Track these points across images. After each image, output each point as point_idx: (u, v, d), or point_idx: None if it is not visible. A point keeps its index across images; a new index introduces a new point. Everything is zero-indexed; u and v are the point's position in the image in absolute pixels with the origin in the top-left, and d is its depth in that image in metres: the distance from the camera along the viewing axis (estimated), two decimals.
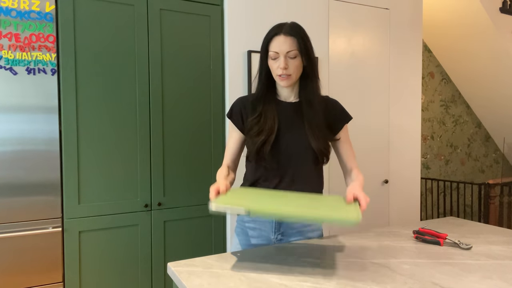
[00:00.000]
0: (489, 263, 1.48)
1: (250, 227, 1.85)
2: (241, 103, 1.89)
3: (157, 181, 2.63)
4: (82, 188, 2.45)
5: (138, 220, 2.59)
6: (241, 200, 1.46)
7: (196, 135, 2.75)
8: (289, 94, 1.84)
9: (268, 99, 1.83)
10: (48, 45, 2.33)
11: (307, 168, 1.80)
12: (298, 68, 1.75)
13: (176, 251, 2.72)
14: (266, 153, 1.75)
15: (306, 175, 1.80)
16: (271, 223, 1.80)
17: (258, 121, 1.79)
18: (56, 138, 2.37)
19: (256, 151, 1.77)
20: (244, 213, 1.34)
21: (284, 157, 1.78)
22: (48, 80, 2.34)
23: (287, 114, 1.82)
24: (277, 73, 1.73)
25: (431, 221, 2.16)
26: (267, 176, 1.81)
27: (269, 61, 1.76)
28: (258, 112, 1.81)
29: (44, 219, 2.35)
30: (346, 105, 1.97)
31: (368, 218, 3.37)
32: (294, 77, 1.75)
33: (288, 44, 1.70)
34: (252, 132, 1.80)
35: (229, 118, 1.91)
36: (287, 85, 1.76)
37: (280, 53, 1.71)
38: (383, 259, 1.53)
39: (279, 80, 1.75)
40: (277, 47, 1.71)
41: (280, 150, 1.77)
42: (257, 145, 1.76)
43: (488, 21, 4.92)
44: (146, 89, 2.59)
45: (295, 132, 1.79)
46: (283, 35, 1.71)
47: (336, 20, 3.19)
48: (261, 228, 1.82)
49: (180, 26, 2.69)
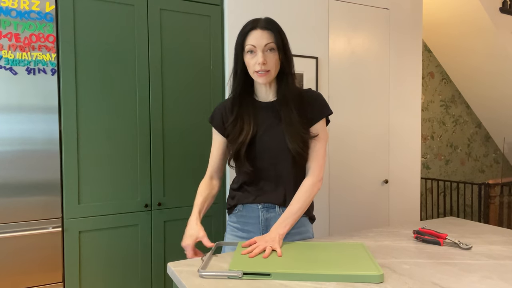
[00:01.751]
0: (489, 263, 1.48)
1: (238, 227, 1.85)
2: (222, 107, 1.87)
3: (157, 181, 2.63)
4: (82, 188, 2.45)
5: (138, 220, 2.59)
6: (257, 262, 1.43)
7: (196, 135, 2.75)
8: (267, 93, 1.80)
9: (245, 100, 1.79)
10: (48, 45, 2.33)
11: (289, 170, 1.76)
12: (277, 63, 1.70)
13: (176, 251, 2.72)
14: (243, 157, 1.73)
15: (290, 177, 1.77)
16: (258, 224, 1.80)
17: (235, 125, 1.77)
18: (56, 138, 2.37)
19: (234, 156, 1.77)
20: (270, 278, 1.33)
21: (263, 160, 1.76)
22: (48, 80, 2.34)
23: (264, 115, 1.78)
24: (255, 69, 1.68)
25: (431, 221, 2.16)
26: (251, 180, 1.80)
27: (245, 58, 1.71)
28: (234, 115, 1.78)
29: (44, 219, 2.35)
30: (346, 105, 1.96)
31: (368, 218, 3.37)
32: (273, 73, 1.71)
33: (265, 37, 1.66)
34: (231, 136, 1.78)
35: (210, 123, 1.89)
36: (265, 81, 1.71)
37: (258, 47, 1.66)
38: (383, 259, 1.52)
39: (257, 77, 1.70)
40: (254, 40, 1.67)
41: (258, 153, 1.75)
42: (235, 149, 1.75)
43: (488, 21, 4.93)
44: (146, 89, 2.59)
45: (273, 133, 1.75)
46: (260, 29, 1.67)
47: (336, 20, 3.19)
48: (249, 229, 1.82)
49: (180, 26, 2.69)
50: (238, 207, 1.84)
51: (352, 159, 3.25)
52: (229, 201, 1.89)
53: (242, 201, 1.82)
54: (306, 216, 1.83)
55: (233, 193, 1.88)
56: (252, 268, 1.36)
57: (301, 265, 1.38)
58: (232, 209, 1.87)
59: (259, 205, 1.79)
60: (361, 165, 3.30)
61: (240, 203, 1.82)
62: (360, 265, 1.38)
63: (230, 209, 1.88)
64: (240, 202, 1.82)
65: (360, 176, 3.31)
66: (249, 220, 1.81)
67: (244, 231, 1.83)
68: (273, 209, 1.78)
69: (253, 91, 1.83)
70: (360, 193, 3.33)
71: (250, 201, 1.79)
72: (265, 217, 1.79)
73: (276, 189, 1.77)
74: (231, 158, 1.80)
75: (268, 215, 1.78)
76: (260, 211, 1.79)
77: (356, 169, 3.28)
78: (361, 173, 3.30)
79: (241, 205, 1.83)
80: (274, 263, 1.40)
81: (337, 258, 1.46)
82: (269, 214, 1.78)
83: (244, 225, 1.83)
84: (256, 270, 1.34)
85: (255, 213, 1.80)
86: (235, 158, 1.77)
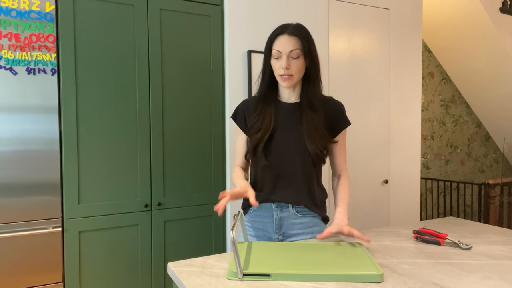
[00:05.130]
0: (489, 263, 1.49)
1: (253, 226, 1.87)
2: (244, 105, 1.92)
3: (157, 181, 2.64)
4: (82, 188, 2.45)
5: (138, 220, 2.59)
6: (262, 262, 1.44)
7: (196, 134, 2.76)
8: (290, 95, 1.85)
9: (269, 99, 1.84)
10: (48, 45, 2.33)
11: (303, 171, 1.80)
12: (300, 69, 1.75)
13: (176, 251, 2.72)
14: (260, 152, 1.77)
15: (303, 178, 1.80)
16: (272, 223, 1.82)
17: (256, 120, 1.81)
18: (56, 138, 2.38)
19: (252, 150, 1.80)
20: (271, 279, 1.33)
21: (279, 157, 1.79)
22: (48, 80, 2.34)
23: (285, 114, 1.82)
24: (279, 72, 1.74)
25: (431, 221, 2.16)
26: (264, 176, 1.83)
27: (272, 61, 1.77)
28: (257, 111, 1.83)
29: (44, 219, 2.35)
30: (346, 105, 1.97)
31: (368, 218, 3.37)
32: (295, 78, 1.75)
33: (291, 44, 1.71)
34: (251, 131, 1.82)
35: (233, 119, 1.93)
36: (289, 85, 1.77)
37: (283, 52, 1.71)
38: (383, 259, 1.53)
39: (280, 80, 1.76)
40: (280, 46, 1.72)
41: (275, 150, 1.78)
42: (253, 143, 1.79)
43: (488, 21, 4.92)
44: (146, 89, 2.60)
45: (292, 133, 1.79)
46: (287, 34, 1.72)
47: (336, 20, 3.19)
48: (263, 228, 1.84)
49: (180, 26, 2.69)
50: (253, 207, 1.87)
51: (352, 159, 3.25)
52: (244, 201, 1.92)
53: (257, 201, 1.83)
54: (319, 216, 1.86)
55: None
56: (252, 269, 1.36)
57: (300, 265, 1.39)
58: (247, 209, 1.89)
59: (273, 204, 1.81)
60: (361, 165, 3.30)
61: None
62: (360, 265, 1.39)
63: (246, 209, 1.90)
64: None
65: (360, 176, 3.31)
66: (263, 220, 1.84)
67: (259, 230, 1.85)
68: (286, 208, 1.80)
69: (277, 92, 1.88)
70: (360, 193, 3.33)
71: (264, 200, 1.81)
72: (278, 216, 1.81)
73: (290, 188, 1.80)
74: (248, 152, 1.84)
75: (282, 215, 1.81)
76: (274, 210, 1.81)
77: (356, 169, 3.28)
78: (361, 173, 3.30)
79: None
80: (274, 264, 1.41)
81: (337, 258, 1.46)
82: (282, 214, 1.81)
83: (257, 224, 1.85)
84: (256, 271, 1.34)
85: (269, 212, 1.82)
86: (252, 153, 1.80)
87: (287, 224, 1.81)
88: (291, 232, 1.82)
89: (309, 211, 1.82)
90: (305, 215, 1.82)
